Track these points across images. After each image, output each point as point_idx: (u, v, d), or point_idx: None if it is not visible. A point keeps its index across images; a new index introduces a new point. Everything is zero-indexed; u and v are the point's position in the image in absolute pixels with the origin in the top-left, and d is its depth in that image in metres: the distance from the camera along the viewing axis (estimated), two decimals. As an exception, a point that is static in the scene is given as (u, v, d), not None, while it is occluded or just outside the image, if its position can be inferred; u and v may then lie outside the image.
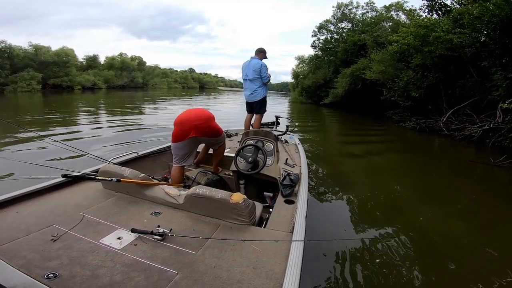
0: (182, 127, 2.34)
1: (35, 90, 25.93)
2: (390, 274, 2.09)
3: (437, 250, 2.47)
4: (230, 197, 1.53)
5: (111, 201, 1.77)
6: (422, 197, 3.83)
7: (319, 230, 2.67)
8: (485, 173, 5.19)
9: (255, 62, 3.89)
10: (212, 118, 2.47)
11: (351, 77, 15.46)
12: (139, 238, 1.36)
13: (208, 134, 2.43)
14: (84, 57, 39.73)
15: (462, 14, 8.43)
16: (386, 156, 6.41)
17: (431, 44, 8.92)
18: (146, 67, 52.53)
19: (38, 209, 1.59)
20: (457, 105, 9.35)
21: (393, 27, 16.07)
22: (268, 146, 2.59)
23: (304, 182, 2.22)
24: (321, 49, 23.45)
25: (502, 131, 7.17)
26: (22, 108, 13.18)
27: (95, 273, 1.10)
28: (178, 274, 1.14)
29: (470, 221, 3.19)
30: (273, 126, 4.07)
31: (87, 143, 5.61)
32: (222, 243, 1.37)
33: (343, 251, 2.32)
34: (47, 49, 30.95)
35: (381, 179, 4.58)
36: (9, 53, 26.67)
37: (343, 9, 21.73)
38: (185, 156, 2.43)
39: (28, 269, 1.08)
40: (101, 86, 36.56)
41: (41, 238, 1.30)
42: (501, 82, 7.33)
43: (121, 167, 1.86)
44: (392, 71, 11.60)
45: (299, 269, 1.17)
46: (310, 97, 23.02)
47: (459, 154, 7.01)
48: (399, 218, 3.14)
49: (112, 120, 9.46)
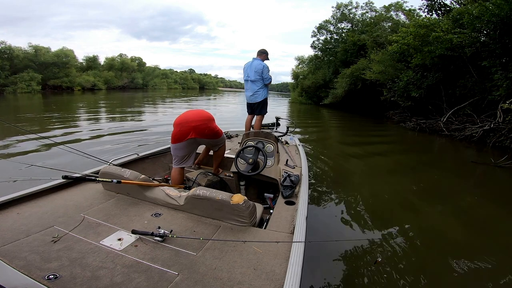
0: (181, 128, 2.34)
1: (35, 91, 25.97)
2: (391, 275, 2.09)
3: (438, 250, 2.47)
4: (231, 198, 1.53)
5: (112, 202, 1.77)
6: (423, 198, 3.82)
7: (319, 231, 2.67)
8: (486, 174, 5.17)
9: (257, 63, 3.89)
10: (212, 119, 2.46)
11: (350, 78, 15.47)
12: (140, 239, 1.36)
13: (207, 135, 2.43)
14: (84, 58, 39.87)
15: (461, 14, 8.43)
16: (387, 156, 6.41)
17: (430, 44, 8.90)
18: (146, 68, 52.58)
19: (38, 210, 1.59)
20: (457, 105, 9.34)
21: (393, 27, 16.06)
22: (269, 147, 2.59)
23: (305, 183, 2.23)
24: (320, 50, 23.48)
25: (502, 131, 7.15)
26: (22, 109, 13.18)
27: (95, 274, 1.10)
28: (178, 275, 1.14)
29: (471, 222, 3.18)
30: (273, 127, 4.08)
31: (87, 144, 5.61)
32: (222, 244, 1.37)
33: (344, 252, 2.32)
34: (47, 50, 30.98)
35: (381, 180, 4.57)
36: (9, 54, 26.72)
37: (343, 9, 21.75)
38: (185, 158, 2.43)
39: (28, 270, 1.08)
40: (101, 87, 36.58)
41: (42, 239, 1.30)
42: (501, 82, 7.33)
43: (122, 169, 1.86)
44: (392, 71, 11.60)
45: (299, 270, 1.17)
46: (310, 97, 23.07)
47: (460, 155, 6.99)
48: (399, 218, 3.14)
49: (112, 121, 9.47)
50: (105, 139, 6.26)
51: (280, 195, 2.07)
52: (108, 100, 20.52)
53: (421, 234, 2.77)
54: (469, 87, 9.07)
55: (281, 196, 2.05)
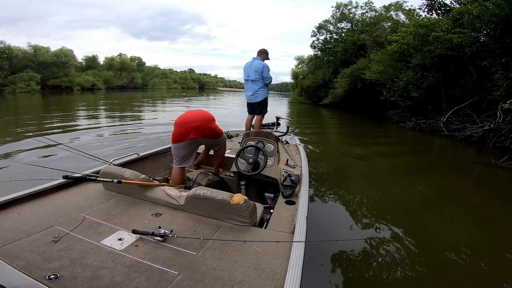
0: (181, 128, 2.34)
1: (34, 90, 25.93)
2: (391, 275, 2.09)
3: (438, 251, 2.46)
4: (231, 198, 1.53)
5: (112, 202, 1.77)
6: (424, 198, 3.81)
7: (320, 230, 2.67)
8: (487, 175, 5.14)
9: (257, 63, 3.89)
10: (212, 119, 2.46)
11: (350, 77, 15.45)
12: (140, 239, 1.36)
13: (208, 135, 2.43)
14: (83, 58, 39.85)
15: (461, 14, 8.41)
16: (386, 157, 6.40)
17: (430, 43, 8.88)
18: (145, 67, 52.56)
19: (39, 210, 1.59)
20: (457, 105, 9.32)
21: (393, 27, 16.05)
22: (269, 147, 2.59)
23: (305, 183, 2.23)
24: (320, 49, 23.46)
25: (502, 131, 7.13)
26: (22, 109, 13.17)
27: (96, 274, 1.10)
28: (179, 275, 1.14)
29: (472, 223, 3.17)
30: (273, 127, 4.08)
31: (87, 144, 5.61)
32: (223, 244, 1.37)
33: (344, 251, 2.32)
34: (46, 49, 30.93)
35: (381, 180, 4.57)
36: (8, 53, 26.70)
37: (342, 9, 21.74)
38: (185, 157, 2.43)
39: (29, 270, 1.08)
40: (100, 86, 36.54)
41: (42, 239, 1.30)
42: (501, 82, 7.31)
43: (122, 168, 1.86)
44: (392, 71, 11.59)
45: (300, 270, 1.18)
46: (309, 97, 23.01)
47: (460, 155, 6.96)
48: (400, 219, 3.14)
49: (112, 121, 9.45)
50: (105, 139, 6.26)
51: (281, 195, 2.07)
52: (108, 100, 20.50)
53: (421, 234, 2.77)
54: (469, 87, 9.06)
55: (282, 196, 2.05)
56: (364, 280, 2.05)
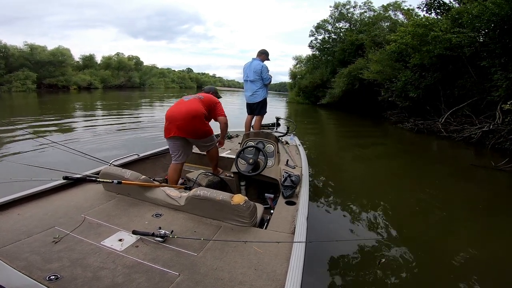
0: (168, 125, 2.36)
1: (30, 89, 25.71)
2: (391, 276, 2.10)
3: (438, 253, 2.47)
4: (231, 199, 1.53)
5: (112, 203, 1.77)
6: (424, 200, 3.76)
7: (320, 231, 2.67)
8: (487, 177, 5.07)
9: (256, 64, 3.90)
10: (198, 116, 2.36)
11: (348, 77, 15.45)
12: (141, 240, 1.36)
13: (192, 134, 2.39)
14: (81, 57, 39.52)
15: (461, 13, 8.34)
16: (385, 158, 6.38)
17: (429, 43, 8.82)
18: (143, 67, 52.19)
19: (39, 211, 1.59)
20: (456, 105, 9.26)
21: (391, 26, 16.08)
22: (269, 148, 2.59)
23: (305, 183, 2.23)
24: (318, 49, 23.41)
25: (502, 132, 7.05)
26: (18, 109, 13.09)
27: (96, 275, 1.10)
28: (179, 276, 1.14)
29: (472, 225, 3.18)
30: (273, 128, 4.09)
31: (87, 144, 5.57)
32: (223, 245, 1.38)
33: (345, 252, 2.32)
34: (42, 48, 30.62)
35: (381, 181, 4.58)
36: (4, 52, 26.47)
37: (341, 9, 21.71)
38: (176, 153, 2.45)
39: (29, 271, 1.08)
40: (97, 85, 36.23)
41: (43, 240, 1.30)
42: (501, 83, 7.24)
43: (122, 169, 1.86)
44: (390, 71, 11.57)
45: (300, 270, 1.18)
46: (307, 97, 22.95)
47: (459, 157, 6.89)
48: (400, 220, 3.15)
49: (112, 121, 9.39)
50: (105, 140, 6.22)
51: (281, 195, 2.08)
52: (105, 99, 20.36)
53: (421, 236, 2.78)
54: (468, 88, 9.00)
55: (282, 196, 2.06)
56: (364, 281, 2.05)
